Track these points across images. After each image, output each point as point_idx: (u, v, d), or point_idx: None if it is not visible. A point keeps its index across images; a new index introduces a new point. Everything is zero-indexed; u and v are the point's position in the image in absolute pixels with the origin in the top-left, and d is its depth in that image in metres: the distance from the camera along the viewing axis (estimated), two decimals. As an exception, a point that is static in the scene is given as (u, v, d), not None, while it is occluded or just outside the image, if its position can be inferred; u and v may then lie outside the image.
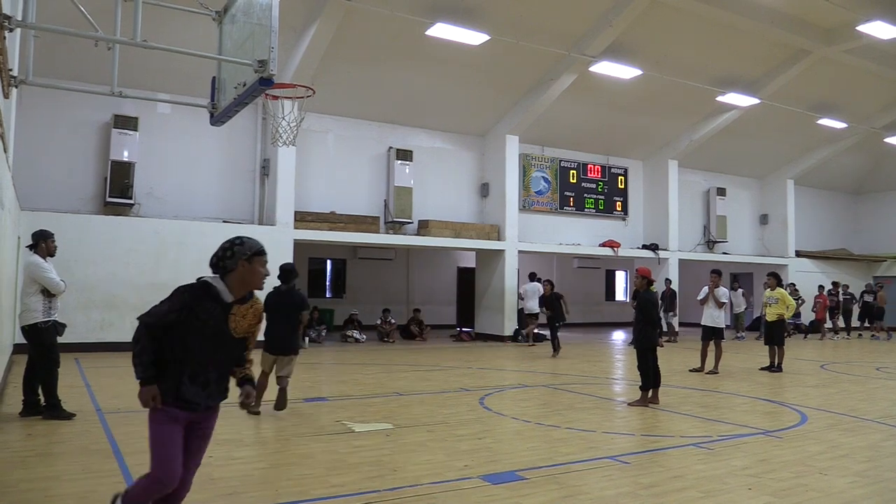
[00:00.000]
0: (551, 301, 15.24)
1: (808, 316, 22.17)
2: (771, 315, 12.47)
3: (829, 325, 21.95)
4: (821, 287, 21.87)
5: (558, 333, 15.03)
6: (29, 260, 7.14)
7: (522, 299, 18.21)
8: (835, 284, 22.56)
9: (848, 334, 22.20)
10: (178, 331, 3.36)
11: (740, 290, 20.64)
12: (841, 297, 22.20)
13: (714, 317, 12.04)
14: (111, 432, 6.44)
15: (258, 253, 3.47)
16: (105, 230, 13.55)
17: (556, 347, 14.78)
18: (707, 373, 11.82)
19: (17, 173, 11.21)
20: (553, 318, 15.08)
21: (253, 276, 3.47)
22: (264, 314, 3.99)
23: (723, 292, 12.22)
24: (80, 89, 10.63)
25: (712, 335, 11.99)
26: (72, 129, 14.26)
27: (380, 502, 4.55)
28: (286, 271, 7.70)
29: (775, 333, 12.43)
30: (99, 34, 7.26)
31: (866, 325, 22.35)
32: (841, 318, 22.18)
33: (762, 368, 12.48)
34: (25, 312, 7.01)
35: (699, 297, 12.38)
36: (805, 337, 21.39)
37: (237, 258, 3.44)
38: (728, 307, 20.93)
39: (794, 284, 21.84)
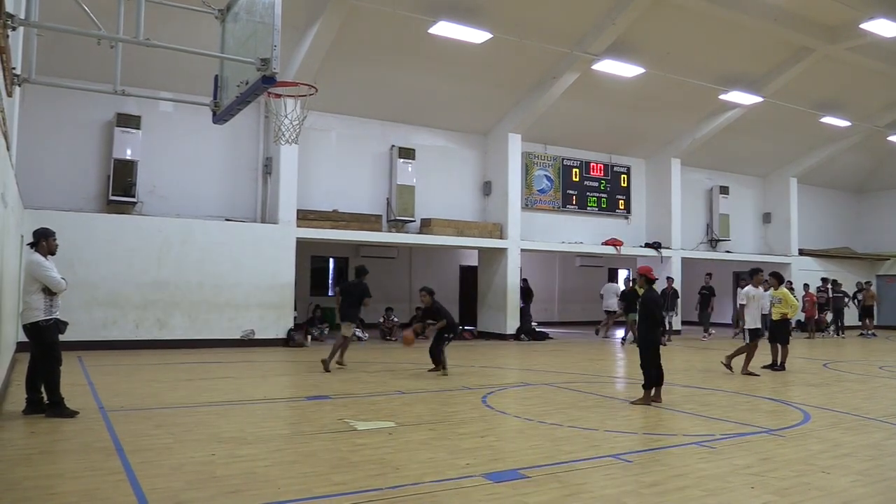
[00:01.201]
0: (433, 311, 11.34)
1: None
2: (775, 314, 12.51)
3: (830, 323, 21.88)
4: (806, 285, 21.63)
5: (445, 346, 11.14)
6: (30, 258, 7.15)
7: (602, 297, 20.70)
8: (824, 281, 22.21)
9: (842, 333, 21.79)
10: None
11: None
12: (831, 295, 21.89)
13: (756, 317, 12.01)
14: (114, 430, 6.45)
15: None
16: (108, 228, 13.57)
17: (438, 361, 11.01)
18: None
19: (20, 172, 11.23)
20: (445, 328, 11.22)
21: None
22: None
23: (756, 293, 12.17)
24: (82, 88, 10.68)
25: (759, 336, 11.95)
26: (75, 127, 14.28)
27: (382, 500, 4.55)
28: (358, 269, 11.98)
29: (779, 332, 12.45)
30: (102, 33, 7.27)
31: (867, 323, 22.25)
32: (832, 315, 21.93)
33: (765, 367, 12.46)
34: (27, 311, 7.02)
35: (742, 302, 12.22)
36: (811, 336, 21.24)
37: None
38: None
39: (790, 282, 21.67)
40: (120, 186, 14.02)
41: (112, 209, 14.17)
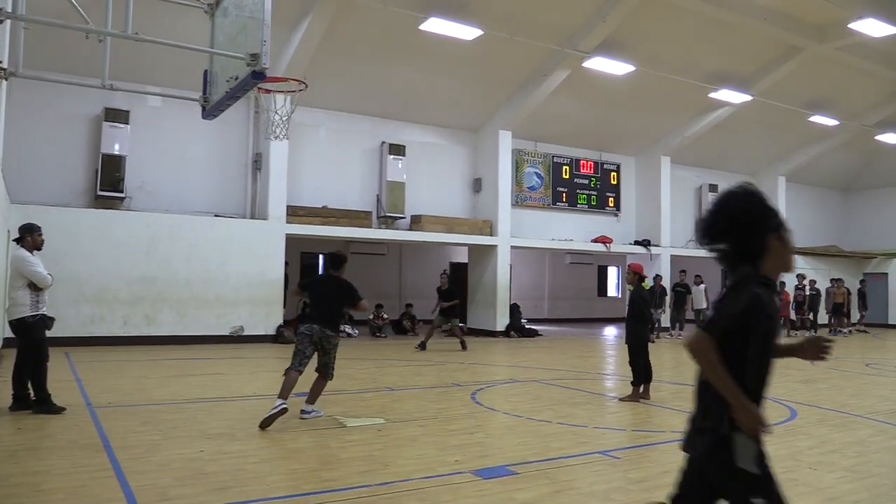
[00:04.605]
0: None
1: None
2: None
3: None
4: (782, 283, 21.66)
5: None
6: (16, 254, 7.10)
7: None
8: (800, 277, 21.91)
9: (816, 331, 22.03)
10: None
11: None
12: (808, 292, 21.79)
13: None
14: (101, 426, 6.41)
15: None
16: (95, 224, 13.48)
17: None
18: None
19: (6, 166, 11.14)
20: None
21: None
22: None
23: None
24: (70, 82, 10.59)
25: None
26: (62, 122, 14.16)
27: (371, 497, 4.55)
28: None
29: None
30: (90, 26, 7.22)
31: (843, 321, 22.38)
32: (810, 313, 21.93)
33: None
34: (13, 307, 6.97)
35: None
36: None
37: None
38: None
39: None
40: (108, 181, 13.92)
41: (100, 204, 14.07)
